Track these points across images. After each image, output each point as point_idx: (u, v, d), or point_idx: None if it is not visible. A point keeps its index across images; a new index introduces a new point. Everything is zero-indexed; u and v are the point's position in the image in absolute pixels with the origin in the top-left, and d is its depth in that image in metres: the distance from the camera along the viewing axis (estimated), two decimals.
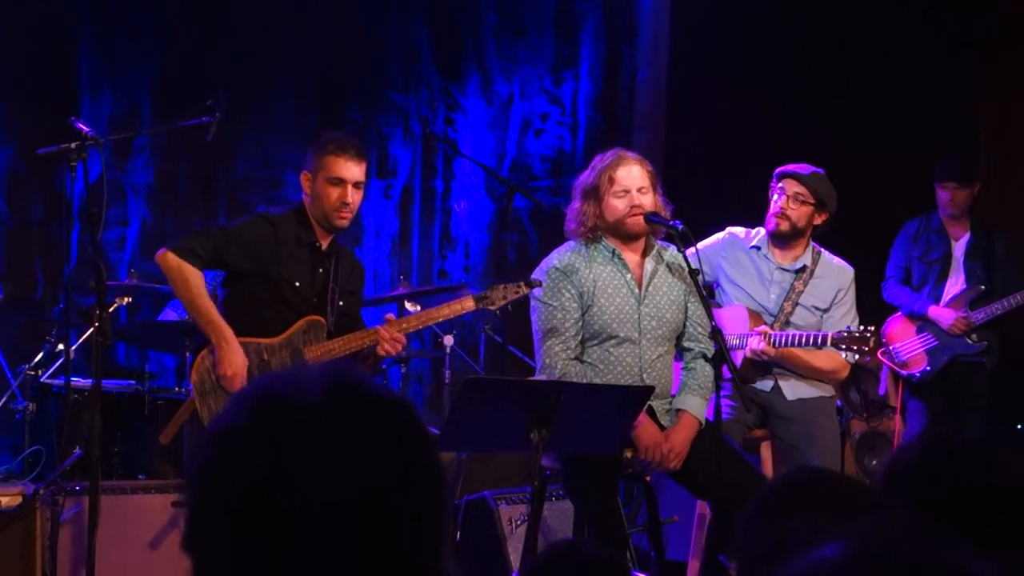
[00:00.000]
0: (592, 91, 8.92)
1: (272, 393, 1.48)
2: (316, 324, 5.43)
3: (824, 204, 5.99)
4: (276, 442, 1.43)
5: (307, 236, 5.47)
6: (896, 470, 2.30)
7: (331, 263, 5.52)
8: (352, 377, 1.50)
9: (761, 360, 5.84)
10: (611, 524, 5.12)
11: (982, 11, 8.91)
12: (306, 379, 1.49)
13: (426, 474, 1.49)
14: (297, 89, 8.56)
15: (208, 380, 5.25)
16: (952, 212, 7.67)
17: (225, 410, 1.51)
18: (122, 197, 8.18)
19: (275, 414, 1.45)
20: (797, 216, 5.98)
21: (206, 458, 1.48)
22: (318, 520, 1.40)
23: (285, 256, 5.41)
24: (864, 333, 5.68)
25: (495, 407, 4.64)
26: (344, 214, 5.43)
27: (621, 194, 5.33)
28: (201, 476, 1.48)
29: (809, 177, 5.97)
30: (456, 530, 5.95)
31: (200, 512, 1.48)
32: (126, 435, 6.45)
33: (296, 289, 5.42)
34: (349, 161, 5.41)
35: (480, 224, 8.82)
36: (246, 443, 1.45)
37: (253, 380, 1.56)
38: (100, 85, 8.18)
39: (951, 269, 7.67)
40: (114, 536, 5.28)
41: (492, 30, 8.90)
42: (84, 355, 7.01)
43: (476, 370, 7.69)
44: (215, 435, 1.49)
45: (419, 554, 1.46)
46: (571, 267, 5.35)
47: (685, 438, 5.26)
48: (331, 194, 5.40)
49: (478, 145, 8.77)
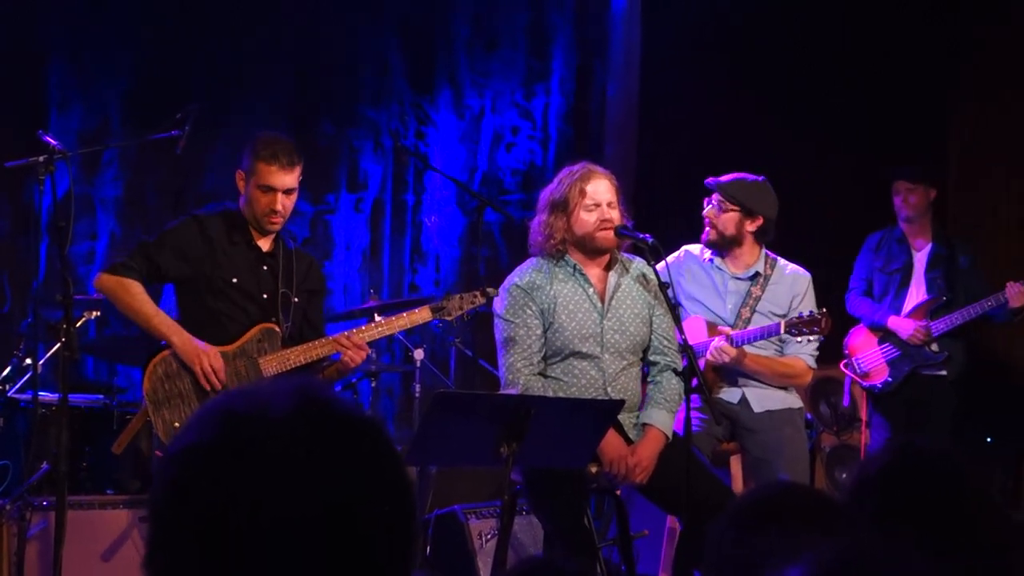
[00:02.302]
0: (563, 105, 8.93)
1: (235, 411, 1.45)
2: (271, 332, 5.37)
3: (749, 210, 6.01)
4: (240, 461, 1.41)
5: (241, 235, 5.43)
6: (862, 480, 2.31)
7: (277, 262, 5.46)
8: (318, 393, 1.48)
9: (722, 362, 5.84)
10: (579, 538, 5.11)
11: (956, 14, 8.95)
12: (270, 396, 1.46)
13: (393, 491, 1.47)
14: (268, 102, 8.53)
15: (161, 389, 5.21)
16: (907, 214, 7.66)
17: (187, 428, 1.48)
18: (91, 211, 8.14)
19: (239, 432, 1.43)
20: (723, 223, 6.03)
21: (168, 479, 1.45)
22: (284, 539, 1.38)
23: (218, 253, 5.37)
24: (815, 316, 5.73)
25: (465, 421, 4.64)
26: (274, 220, 5.39)
27: (591, 207, 5.33)
28: (163, 497, 1.45)
29: (728, 184, 6.01)
30: (426, 545, 5.94)
31: (162, 533, 1.45)
32: (94, 449, 6.41)
33: (236, 286, 5.37)
34: (280, 171, 5.35)
35: (451, 238, 8.82)
36: (209, 463, 1.42)
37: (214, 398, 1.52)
38: (69, 99, 8.15)
39: (912, 279, 7.69)
40: (82, 551, 5.25)
41: (464, 43, 8.90)
42: (52, 369, 6.95)
43: (447, 384, 7.67)
44: (177, 455, 1.46)
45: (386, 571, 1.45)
46: (532, 284, 5.35)
47: (652, 452, 5.25)
48: (261, 200, 5.36)
49: (449, 159, 8.77)
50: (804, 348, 5.99)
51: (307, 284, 5.56)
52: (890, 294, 7.67)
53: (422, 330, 8.36)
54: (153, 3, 8.34)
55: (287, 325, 5.41)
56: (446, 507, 6.03)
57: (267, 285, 5.43)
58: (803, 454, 6.10)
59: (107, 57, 8.23)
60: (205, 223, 5.41)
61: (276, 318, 5.39)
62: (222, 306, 5.34)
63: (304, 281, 5.54)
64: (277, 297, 5.42)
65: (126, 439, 5.30)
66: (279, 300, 5.42)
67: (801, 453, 6.06)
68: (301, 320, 5.49)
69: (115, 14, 8.24)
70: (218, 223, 5.43)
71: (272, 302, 5.41)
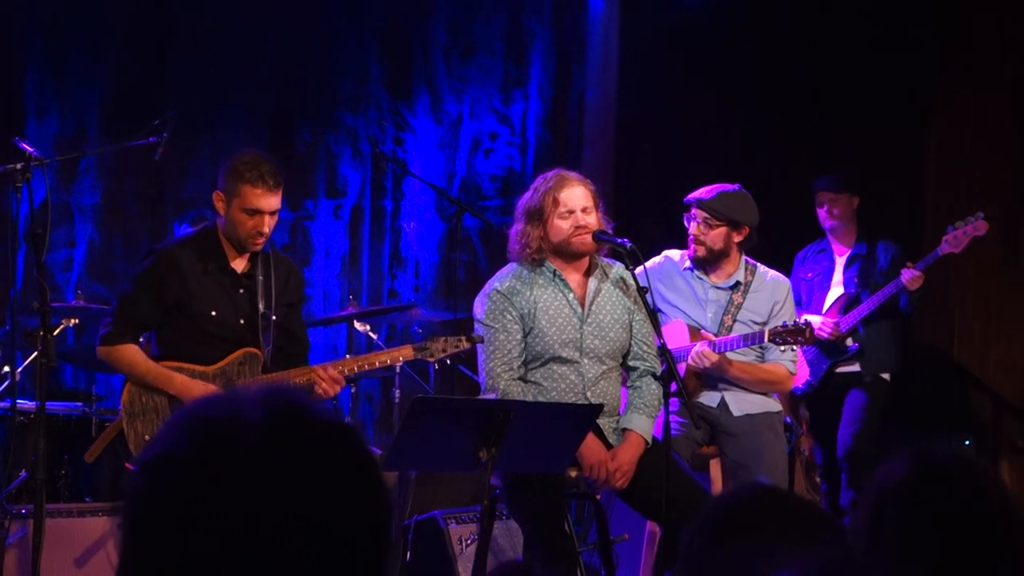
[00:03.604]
0: (541, 110, 8.94)
1: (208, 417, 1.44)
2: (252, 356, 5.33)
3: (736, 222, 6.02)
4: (215, 468, 1.39)
5: (216, 261, 5.34)
6: (881, 494, 2.28)
7: (255, 284, 5.39)
8: (291, 398, 1.46)
9: (702, 367, 5.84)
10: (559, 543, 5.12)
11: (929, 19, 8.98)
12: (242, 401, 1.44)
13: (368, 496, 1.46)
14: (246, 109, 8.53)
15: (138, 402, 5.20)
16: (832, 225, 7.67)
17: (158, 437, 1.46)
18: (69, 218, 8.13)
19: (212, 439, 1.41)
20: (711, 240, 6.03)
21: (141, 488, 1.43)
22: (260, 546, 1.37)
23: (192, 284, 5.29)
24: (799, 326, 5.74)
25: (443, 426, 4.63)
26: (259, 241, 5.30)
27: (565, 215, 5.33)
28: (135, 507, 1.43)
29: (711, 201, 6.00)
30: (406, 550, 5.93)
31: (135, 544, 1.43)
32: (73, 457, 6.39)
33: (214, 319, 5.31)
34: (267, 193, 5.22)
35: (430, 244, 8.82)
36: (180, 471, 1.40)
37: (184, 406, 1.51)
38: (47, 106, 8.13)
39: (832, 281, 7.70)
40: (60, 559, 5.23)
41: (442, 49, 8.91)
42: (30, 377, 6.94)
43: (426, 389, 7.67)
44: (150, 463, 1.44)
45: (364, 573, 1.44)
46: (512, 290, 5.35)
47: (631, 457, 5.26)
48: (247, 223, 5.24)
49: (428, 165, 8.77)
50: (785, 355, 6.01)
51: (286, 297, 5.49)
52: (811, 297, 7.69)
53: (402, 336, 8.36)
54: (131, 10, 8.33)
55: (268, 349, 5.39)
56: (426, 512, 6.02)
57: (244, 310, 5.36)
58: (782, 459, 6.11)
59: (86, 65, 8.22)
60: (174, 256, 5.31)
61: (257, 343, 5.36)
62: (200, 337, 5.31)
63: (283, 294, 5.46)
64: (256, 320, 5.36)
65: (99, 448, 5.30)
66: (259, 324, 5.37)
67: (780, 458, 6.07)
68: (281, 335, 5.45)
69: (92, 21, 8.22)
70: (188, 252, 5.33)
71: (251, 327, 5.36)
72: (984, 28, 8.80)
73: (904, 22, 8.81)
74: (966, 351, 8.78)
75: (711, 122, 8.67)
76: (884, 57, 8.84)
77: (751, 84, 8.68)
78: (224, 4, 8.52)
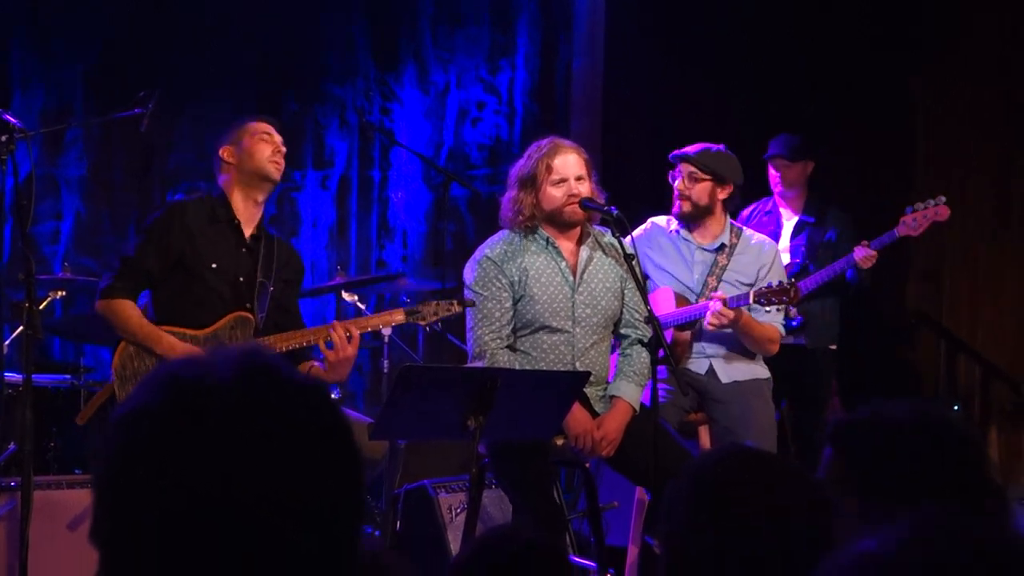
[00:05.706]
0: (528, 80, 8.92)
1: (180, 376, 1.44)
2: (244, 320, 5.34)
3: (720, 176, 6.02)
4: (186, 426, 1.39)
5: (223, 213, 5.40)
6: (876, 450, 2.30)
7: (258, 247, 5.44)
8: (263, 358, 1.47)
9: (721, 324, 5.77)
10: (548, 511, 5.12)
11: None
12: (215, 361, 1.45)
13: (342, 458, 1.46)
14: (233, 79, 8.50)
15: (130, 366, 5.20)
16: (782, 190, 7.54)
17: (132, 395, 1.46)
18: (55, 191, 8.11)
19: (184, 397, 1.41)
20: (696, 194, 6.03)
21: (114, 445, 1.43)
22: (232, 503, 1.37)
23: (198, 239, 5.34)
24: (784, 285, 5.74)
25: (431, 395, 4.64)
26: (278, 161, 5.41)
27: (558, 183, 5.32)
28: (108, 464, 1.43)
29: (697, 155, 6.01)
30: (396, 519, 5.94)
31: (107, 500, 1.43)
32: (61, 430, 6.39)
33: (214, 271, 5.33)
34: (273, 127, 5.46)
35: (417, 213, 8.81)
36: (155, 428, 1.41)
37: (159, 365, 1.52)
38: (32, 79, 8.10)
39: (778, 247, 7.59)
40: (49, 531, 5.23)
41: (428, 19, 8.89)
42: (17, 350, 6.92)
43: (415, 359, 7.67)
44: (122, 420, 1.44)
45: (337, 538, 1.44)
46: (503, 256, 5.34)
47: (618, 425, 5.26)
48: (264, 148, 5.39)
49: (415, 134, 8.76)
50: (775, 317, 6.01)
51: (285, 274, 5.52)
52: None
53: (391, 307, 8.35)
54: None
55: (261, 316, 5.39)
56: (415, 482, 6.03)
57: (244, 268, 5.39)
58: (771, 425, 6.11)
59: (70, 37, 8.19)
60: (187, 209, 5.38)
61: (251, 305, 5.37)
62: (197, 291, 5.31)
63: (283, 270, 5.50)
64: (254, 283, 5.38)
65: (90, 411, 5.32)
66: (256, 287, 5.39)
67: (769, 424, 6.07)
68: (276, 309, 5.46)
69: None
70: (198, 205, 5.41)
71: (249, 287, 5.37)
72: (981, 20, 8.78)
73: (901, 14, 8.78)
74: (954, 318, 8.78)
75: (698, 90, 8.64)
76: (879, 51, 8.81)
77: (738, 51, 8.65)
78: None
